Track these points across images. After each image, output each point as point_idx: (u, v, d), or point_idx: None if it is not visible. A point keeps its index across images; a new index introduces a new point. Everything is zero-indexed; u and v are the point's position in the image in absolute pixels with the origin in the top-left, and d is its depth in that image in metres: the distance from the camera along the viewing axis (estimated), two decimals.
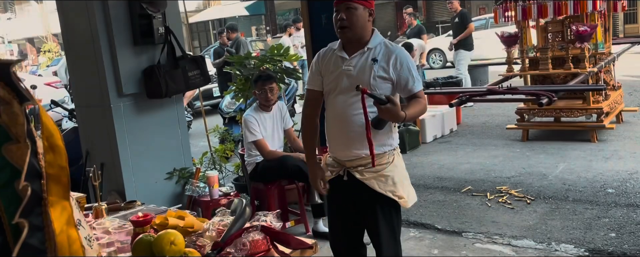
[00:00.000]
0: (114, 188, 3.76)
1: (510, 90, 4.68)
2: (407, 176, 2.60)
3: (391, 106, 2.20)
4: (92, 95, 3.71)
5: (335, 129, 2.53)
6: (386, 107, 2.21)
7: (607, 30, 6.28)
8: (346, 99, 2.46)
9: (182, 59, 3.82)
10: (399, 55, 2.45)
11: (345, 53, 2.51)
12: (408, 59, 2.47)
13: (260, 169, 4.12)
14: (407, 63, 2.44)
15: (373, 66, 2.43)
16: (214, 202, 3.83)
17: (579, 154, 5.44)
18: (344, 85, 2.47)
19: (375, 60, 2.44)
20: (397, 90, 2.48)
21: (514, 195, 4.47)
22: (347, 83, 2.46)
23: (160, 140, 3.92)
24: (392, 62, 2.43)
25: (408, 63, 2.45)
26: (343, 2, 2.42)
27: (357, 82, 2.44)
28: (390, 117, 2.26)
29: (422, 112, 2.46)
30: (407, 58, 2.47)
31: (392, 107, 2.20)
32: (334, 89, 2.53)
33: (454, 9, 9.03)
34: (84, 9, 3.55)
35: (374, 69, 2.43)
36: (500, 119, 7.41)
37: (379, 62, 2.43)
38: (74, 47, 3.73)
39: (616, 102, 6.22)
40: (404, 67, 2.43)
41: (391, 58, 2.43)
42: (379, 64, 2.43)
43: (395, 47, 2.49)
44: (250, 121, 4.08)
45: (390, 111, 2.21)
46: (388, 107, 2.20)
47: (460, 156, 5.89)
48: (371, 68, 2.43)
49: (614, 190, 4.37)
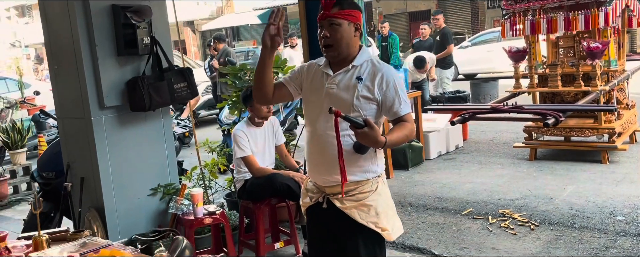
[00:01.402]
0: (93, 204, 3.59)
1: (515, 108, 4.45)
2: (392, 206, 2.39)
3: (368, 130, 2.00)
4: (73, 107, 3.55)
5: (315, 152, 2.35)
6: (363, 132, 2.01)
7: (621, 47, 6.03)
8: (327, 119, 2.27)
9: (168, 70, 3.65)
10: (386, 74, 2.25)
11: (330, 69, 2.33)
12: (395, 79, 2.27)
13: (249, 186, 3.94)
14: (394, 83, 2.25)
15: (357, 85, 2.24)
16: (197, 221, 3.64)
17: (588, 176, 5.18)
18: (325, 105, 2.29)
19: (359, 78, 2.25)
20: (383, 112, 2.29)
21: (517, 219, 4.23)
22: (329, 102, 2.27)
23: (145, 154, 3.75)
24: (378, 82, 2.24)
25: (395, 83, 2.25)
26: (326, 17, 2.24)
27: (340, 101, 2.26)
28: (368, 142, 2.06)
29: (407, 138, 2.24)
30: (394, 77, 2.27)
31: (370, 131, 2.01)
32: (314, 109, 2.35)
33: (439, 25, 8.82)
34: (66, 17, 3.40)
35: (358, 88, 2.24)
36: (509, 136, 7.16)
37: (363, 81, 2.25)
38: (56, 57, 3.59)
39: (629, 122, 5.95)
40: (390, 87, 2.24)
41: (376, 77, 2.24)
42: (364, 83, 2.24)
43: (382, 65, 2.29)
44: (240, 136, 3.91)
45: (368, 136, 2.01)
46: (365, 131, 2.00)
47: (464, 174, 5.66)
48: (355, 87, 2.24)
49: (624, 217, 4.11)
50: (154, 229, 3.70)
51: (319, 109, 2.31)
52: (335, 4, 2.24)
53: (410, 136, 2.25)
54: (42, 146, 6.99)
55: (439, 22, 8.83)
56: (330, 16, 2.23)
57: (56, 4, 3.47)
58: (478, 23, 21.05)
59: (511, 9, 5.60)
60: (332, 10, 2.23)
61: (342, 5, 2.25)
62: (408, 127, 2.23)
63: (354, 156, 2.24)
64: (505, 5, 5.63)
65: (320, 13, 2.27)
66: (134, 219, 3.68)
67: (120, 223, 3.60)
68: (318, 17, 2.28)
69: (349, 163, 2.23)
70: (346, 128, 2.22)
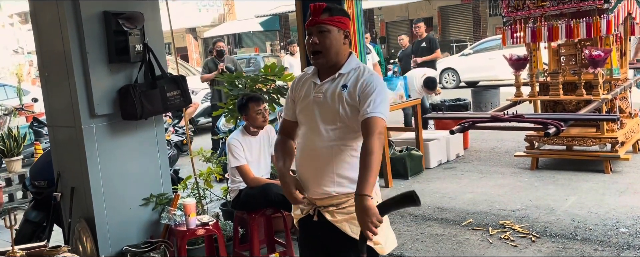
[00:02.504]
0: (84, 215, 3.51)
1: (515, 117, 4.37)
2: (385, 219, 2.31)
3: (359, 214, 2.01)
4: (63, 115, 3.49)
5: (305, 163, 2.27)
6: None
7: (624, 55, 5.95)
8: (316, 129, 2.20)
9: (161, 78, 3.59)
10: (368, 78, 2.17)
11: (318, 78, 2.26)
12: (378, 84, 2.16)
13: (243, 196, 3.86)
14: (373, 86, 2.14)
15: (342, 93, 2.17)
16: (190, 232, 3.56)
17: (591, 186, 5.08)
18: (314, 114, 2.22)
19: (345, 86, 2.18)
20: None
21: (518, 231, 4.14)
22: (317, 111, 2.21)
23: (137, 164, 3.68)
24: (360, 85, 2.15)
25: (376, 86, 2.14)
26: (315, 24, 2.17)
27: (327, 110, 2.19)
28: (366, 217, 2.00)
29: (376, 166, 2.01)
30: (377, 82, 2.17)
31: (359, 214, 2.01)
32: (304, 119, 2.28)
33: (420, 33, 8.77)
34: (56, 24, 3.34)
35: (344, 96, 2.16)
36: (510, 145, 7.07)
37: (348, 89, 2.18)
38: (46, 64, 3.53)
39: (632, 131, 5.85)
40: (369, 89, 2.13)
41: (359, 81, 2.16)
42: (348, 91, 2.17)
43: (369, 72, 2.22)
44: (235, 145, 3.83)
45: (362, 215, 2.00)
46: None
47: (464, 184, 5.56)
48: (340, 95, 2.17)
49: (627, 229, 4.02)
50: (146, 240, 3.63)
51: (308, 119, 2.25)
52: (324, 10, 2.19)
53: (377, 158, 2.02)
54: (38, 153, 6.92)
55: (421, 29, 8.81)
56: (320, 22, 2.17)
57: (47, 10, 3.42)
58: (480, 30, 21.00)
59: (512, 17, 5.54)
60: (322, 16, 2.18)
61: (332, 12, 2.19)
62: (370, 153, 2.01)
63: (344, 167, 2.18)
64: (505, 13, 5.56)
65: (308, 19, 2.21)
66: (125, 230, 3.60)
67: (110, 234, 3.53)
68: (307, 23, 2.22)
69: (339, 174, 2.18)
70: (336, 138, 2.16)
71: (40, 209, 4.12)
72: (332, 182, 2.19)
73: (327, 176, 2.19)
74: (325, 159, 2.18)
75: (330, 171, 2.18)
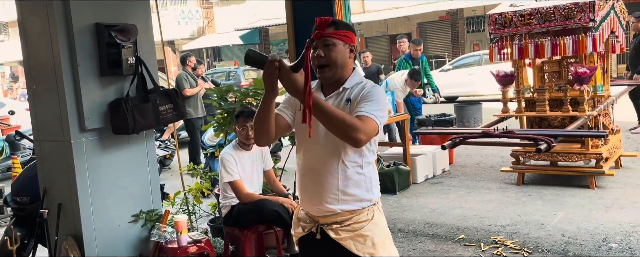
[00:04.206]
0: (71, 232, 3.40)
1: (506, 133, 4.40)
2: (389, 235, 2.28)
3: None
4: (52, 129, 3.38)
5: (307, 180, 2.23)
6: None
7: (606, 72, 6.07)
8: (319, 145, 2.16)
9: (154, 92, 3.51)
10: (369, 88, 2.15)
11: (322, 93, 2.23)
12: (377, 92, 2.14)
13: (236, 212, 3.80)
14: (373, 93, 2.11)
15: (346, 107, 2.15)
16: (181, 249, 3.47)
17: (577, 201, 5.13)
18: (317, 130, 2.18)
19: (348, 100, 2.17)
20: None
21: (510, 247, 4.14)
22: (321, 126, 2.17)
23: (126, 179, 3.58)
24: (362, 94, 2.13)
25: (375, 94, 2.11)
26: (321, 37, 2.14)
27: None
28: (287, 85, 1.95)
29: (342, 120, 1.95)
30: (377, 91, 2.15)
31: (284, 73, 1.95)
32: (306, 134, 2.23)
33: (403, 49, 8.90)
34: (46, 35, 3.25)
35: (347, 110, 2.13)
36: (494, 160, 7.13)
37: (351, 102, 2.16)
38: (35, 76, 3.42)
39: (615, 147, 5.95)
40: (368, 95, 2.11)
41: (361, 92, 2.14)
42: (351, 104, 2.15)
43: (372, 85, 2.20)
44: (228, 160, 3.78)
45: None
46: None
47: (452, 199, 5.57)
48: (345, 110, 2.13)
49: (617, 244, 4.05)
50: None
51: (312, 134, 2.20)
52: (330, 24, 2.16)
53: (348, 124, 1.95)
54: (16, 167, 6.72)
55: (404, 45, 8.93)
56: (326, 35, 2.14)
57: (36, 21, 3.33)
58: (458, 47, 21.30)
59: (499, 33, 5.61)
60: (328, 29, 2.14)
61: (338, 26, 2.17)
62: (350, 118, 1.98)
63: (349, 183, 2.14)
64: (492, 30, 5.63)
65: (314, 32, 2.18)
66: (114, 248, 3.49)
67: (99, 252, 3.42)
68: (312, 36, 2.18)
69: (344, 191, 2.14)
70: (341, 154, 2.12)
71: (22, 226, 3.98)
72: (337, 199, 2.15)
73: (332, 194, 2.14)
74: (329, 175, 2.14)
75: (335, 188, 2.13)
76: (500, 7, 5.77)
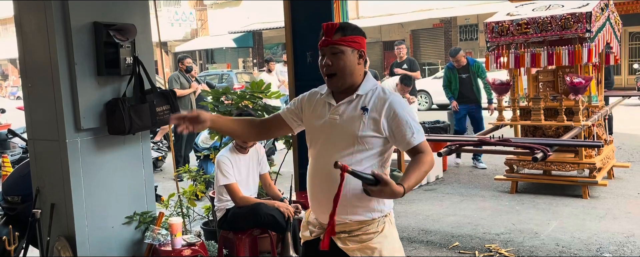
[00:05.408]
0: (64, 233, 3.34)
1: (502, 141, 4.41)
2: (399, 249, 2.23)
3: (382, 187, 1.87)
4: (47, 128, 3.33)
5: (317, 188, 2.18)
6: (377, 189, 1.87)
7: (600, 83, 6.11)
8: (330, 153, 2.12)
9: (151, 92, 3.48)
10: (393, 102, 2.09)
11: (333, 99, 2.18)
12: (403, 107, 2.10)
13: (231, 216, 3.76)
14: (402, 111, 2.08)
15: (363, 116, 2.09)
16: (175, 252, 3.43)
17: (571, 211, 5.15)
18: (328, 137, 2.14)
19: (365, 109, 2.10)
20: (395, 144, 2.14)
21: (504, 255, 4.14)
22: (332, 134, 2.13)
23: (121, 181, 3.53)
24: (385, 112, 2.07)
25: (403, 111, 2.08)
26: (328, 44, 2.09)
27: (344, 133, 2.10)
28: (384, 197, 1.94)
29: (426, 173, 2.06)
30: (402, 105, 2.11)
31: (384, 188, 1.87)
32: (317, 141, 2.20)
33: (402, 55, 8.95)
34: (43, 33, 3.21)
35: (364, 119, 2.08)
36: (488, 168, 7.14)
37: (369, 112, 2.09)
38: (30, 74, 3.37)
39: (608, 158, 5.99)
40: (399, 116, 2.07)
41: (384, 107, 2.08)
42: (370, 115, 2.09)
43: (389, 94, 2.14)
44: (224, 163, 3.74)
45: (383, 192, 1.88)
46: (380, 189, 1.87)
47: (446, 206, 5.57)
48: (360, 118, 2.09)
49: (610, 254, 4.06)
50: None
51: (322, 141, 2.17)
52: (337, 30, 2.10)
53: (429, 169, 2.07)
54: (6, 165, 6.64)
55: (402, 51, 8.96)
56: (333, 43, 2.09)
57: (34, 19, 3.28)
58: None
59: (495, 42, 5.63)
60: (334, 36, 2.09)
61: (345, 32, 2.11)
62: (425, 161, 2.05)
63: (360, 194, 2.05)
64: (489, 38, 5.65)
65: (321, 39, 2.14)
66: (106, 249, 3.45)
67: (92, 253, 3.37)
68: (319, 44, 2.15)
69: (353, 201, 2.09)
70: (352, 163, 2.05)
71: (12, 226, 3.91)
72: (345, 208, 2.09)
73: (342, 203, 2.05)
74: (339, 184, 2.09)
75: (345, 198, 2.06)
76: (497, 16, 5.79)
